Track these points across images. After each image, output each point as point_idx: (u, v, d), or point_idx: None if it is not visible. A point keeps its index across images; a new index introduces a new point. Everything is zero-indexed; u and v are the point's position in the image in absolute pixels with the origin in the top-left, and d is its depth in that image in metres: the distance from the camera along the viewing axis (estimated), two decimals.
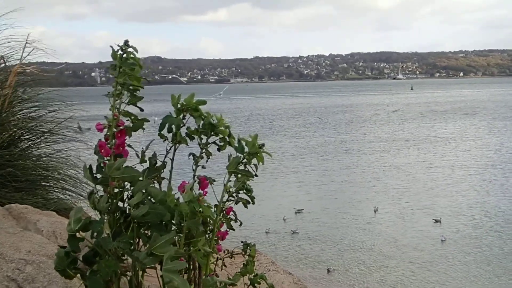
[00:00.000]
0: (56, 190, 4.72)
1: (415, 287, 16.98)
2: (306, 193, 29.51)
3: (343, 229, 23.08)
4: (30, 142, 4.91)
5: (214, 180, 1.98)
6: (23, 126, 4.89)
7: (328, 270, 18.54)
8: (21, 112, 5.00)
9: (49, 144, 4.95)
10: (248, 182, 2.01)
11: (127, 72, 1.80)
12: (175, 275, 1.61)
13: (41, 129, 4.97)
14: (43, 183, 4.71)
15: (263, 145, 1.96)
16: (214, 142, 2.00)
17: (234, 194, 2.02)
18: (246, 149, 1.96)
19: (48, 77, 5.27)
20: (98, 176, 1.76)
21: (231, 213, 2.06)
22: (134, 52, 1.82)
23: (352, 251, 20.22)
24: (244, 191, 2.03)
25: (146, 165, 1.93)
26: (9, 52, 5.08)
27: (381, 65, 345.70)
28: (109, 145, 1.77)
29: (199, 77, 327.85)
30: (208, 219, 1.91)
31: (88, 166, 1.78)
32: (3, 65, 5.06)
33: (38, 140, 4.94)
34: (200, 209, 1.79)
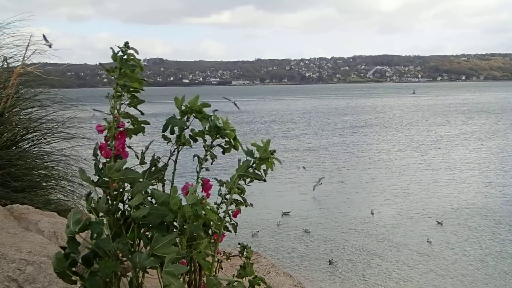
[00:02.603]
0: (57, 191, 4.73)
1: (403, 286, 17.11)
2: (301, 193, 29.53)
3: (337, 229, 23.15)
4: (32, 142, 4.92)
5: (224, 183, 1.97)
6: (25, 127, 4.90)
7: (330, 262, 18.72)
8: (23, 113, 5.01)
9: (50, 144, 4.95)
10: (240, 182, 1.99)
11: (127, 73, 1.78)
12: (175, 279, 1.60)
13: (42, 130, 4.98)
14: (44, 184, 4.71)
15: (274, 151, 1.96)
16: (219, 145, 1.99)
17: (226, 196, 2.01)
18: (257, 154, 1.95)
19: (50, 77, 5.27)
20: (96, 178, 1.75)
21: (226, 215, 2.04)
22: (135, 54, 1.81)
23: (344, 250, 20.28)
24: (237, 191, 2.01)
25: (147, 166, 1.93)
26: (13, 53, 5.10)
27: (383, 68, 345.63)
28: (109, 147, 1.75)
29: (201, 79, 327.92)
30: (211, 222, 1.90)
31: (83, 170, 1.77)
32: (5, 65, 5.07)
33: (40, 141, 4.94)
34: (203, 212, 1.78)
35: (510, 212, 25.26)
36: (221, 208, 1.99)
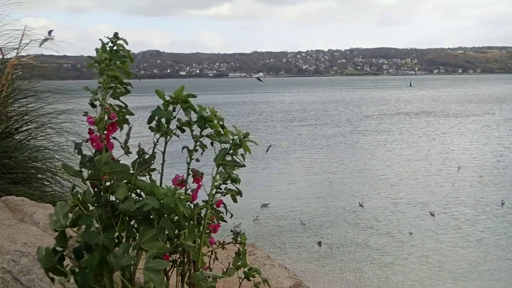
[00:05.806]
0: (52, 183, 4.72)
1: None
2: (290, 183, 29.52)
3: (326, 218, 23.20)
4: (27, 134, 4.91)
5: (203, 173, 1.96)
6: (20, 118, 4.89)
7: (320, 243, 18.86)
8: (18, 104, 4.99)
9: (45, 136, 4.94)
10: (234, 172, 1.98)
11: (118, 66, 1.75)
12: (155, 274, 1.58)
13: (38, 121, 4.96)
14: (40, 176, 4.71)
15: (248, 134, 1.94)
16: (207, 136, 1.97)
17: (221, 186, 2.00)
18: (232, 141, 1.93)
19: (46, 69, 5.25)
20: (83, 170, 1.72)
21: (221, 204, 2.04)
22: (124, 45, 1.76)
23: (331, 238, 20.38)
24: (231, 182, 2.00)
25: (133, 157, 1.89)
26: (8, 44, 5.07)
27: (380, 61, 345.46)
28: (100, 139, 1.72)
29: (198, 71, 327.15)
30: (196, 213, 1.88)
31: (66, 164, 1.76)
32: (0, 57, 5.05)
33: (35, 132, 4.93)
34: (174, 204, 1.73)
35: (497, 201, 25.44)
36: (215, 198, 1.99)
